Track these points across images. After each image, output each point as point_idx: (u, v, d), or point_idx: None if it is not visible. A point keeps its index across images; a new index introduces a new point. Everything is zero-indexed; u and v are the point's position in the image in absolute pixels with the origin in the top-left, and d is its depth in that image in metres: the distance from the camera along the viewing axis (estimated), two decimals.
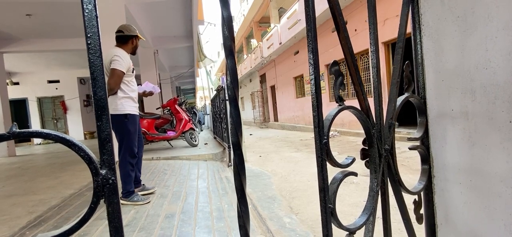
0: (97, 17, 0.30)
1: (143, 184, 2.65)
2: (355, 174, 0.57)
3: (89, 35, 0.30)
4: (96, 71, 0.30)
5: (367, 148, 0.60)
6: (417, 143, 0.68)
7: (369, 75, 6.95)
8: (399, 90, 0.63)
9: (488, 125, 0.52)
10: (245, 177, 0.44)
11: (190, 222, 2.08)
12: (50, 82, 11.11)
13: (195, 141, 5.90)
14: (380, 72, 0.61)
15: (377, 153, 0.59)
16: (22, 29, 6.25)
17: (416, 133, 0.68)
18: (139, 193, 2.54)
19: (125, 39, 2.47)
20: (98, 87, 0.31)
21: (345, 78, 8.42)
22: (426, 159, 0.67)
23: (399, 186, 0.64)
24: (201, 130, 10.99)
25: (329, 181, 0.52)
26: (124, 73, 2.36)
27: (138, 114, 2.52)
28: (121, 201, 2.40)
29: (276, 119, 14.72)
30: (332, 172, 0.59)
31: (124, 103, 2.36)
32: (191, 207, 2.38)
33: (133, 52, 2.53)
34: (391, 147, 0.62)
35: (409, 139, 0.68)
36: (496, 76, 0.49)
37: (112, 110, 2.30)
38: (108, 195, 0.33)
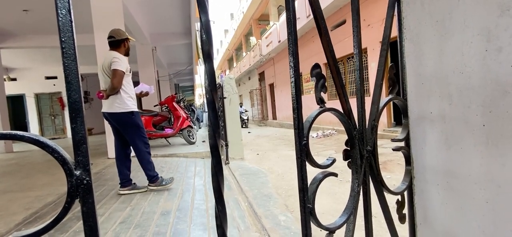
0: (72, 22, 0.30)
1: (134, 183, 2.72)
2: (335, 175, 0.58)
3: (63, 40, 0.31)
4: (70, 75, 0.31)
5: (349, 148, 0.61)
6: (402, 144, 0.69)
7: (364, 75, 6.96)
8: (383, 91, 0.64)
9: (464, 128, 0.53)
10: (223, 178, 0.44)
11: (185, 219, 2.09)
12: (47, 78, 11.07)
13: (193, 138, 5.91)
14: (363, 74, 0.62)
15: (359, 154, 0.60)
16: (19, 25, 6.22)
17: (400, 134, 0.69)
18: (129, 191, 2.65)
19: (117, 43, 2.57)
20: (73, 90, 0.32)
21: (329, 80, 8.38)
22: (409, 160, 0.69)
23: (381, 187, 0.65)
24: (199, 128, 10.99)
25: (309, 182, 0.53)
26: (125, 73, 2.48)
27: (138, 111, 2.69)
28: (151, 187, 2.60)
29: (274, 117, 14.73)
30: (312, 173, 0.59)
31: (127, 101, 2.51)
32: (187, 205, 2.39)
33: (126, 54, 2.65)
34: (373, 148, 0.63)
35: (393, 140, 0.69)
36: (471, 80, 0.50)
37: (115, 108, 2.47)
38: (83, 195, 0.33)
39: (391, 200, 0.67)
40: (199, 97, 26.44)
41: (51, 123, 11.42)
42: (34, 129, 11.14)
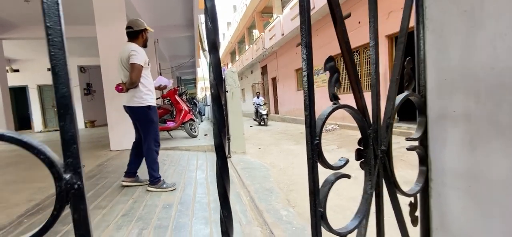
0: (58, 4, 0.27)
1: (137, 175, 2.71)
2: (348, 177, 0.54)
3: (49, 25, 0.27)
4: (58, 66, 0.28)
5: (362, 148, 0.57)
6: (416, 143, 0.65)
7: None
8: (399, 87, 0.60)
9: (492, 129, 0.49)
10: (229, 181, 0.41)
11: (187, 212, 2.08)
12: (50, 70, 11.05)
13: (195, 132, 5.90)
14: (379, 69, 0.58)
15: (373, 154, 0.57)
16: (20, 16, 6.18)
17: (415, 133, 0.65)
18: (131, 183, 2.63)
19: (135, 34, 2.50)
20: (61, 83, 0.28)
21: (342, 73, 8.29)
22: (424, 160, 0.65)
23: (394, 188, 0.61)
24: (201, 121, 10.98)
25: (320, 184, 0.50)
26: (143, 67, 2.44)
27: (156, 105, 2.67)
28: (149, 189, 2.53)
29: (276, 111, 14.68)
30: (324, 174, 0.56)
31: (145, 96, 2.47)
32: (189, 198, 2.38)
33: (144, 45, 2.59)
34: (387, 147, 0.60)
35: (408, 139, 0.65)
36: (503, 77, 0.46)
37: (134, 103, 2.44)
38: (74, 201, 0.30)
39: (402, 201, 0.64)
40: (201, 90, 26.41)
41: (53, 115, 11.46)
42: (37, 121, 11.20)
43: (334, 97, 0.52)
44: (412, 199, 0.65)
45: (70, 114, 0.29)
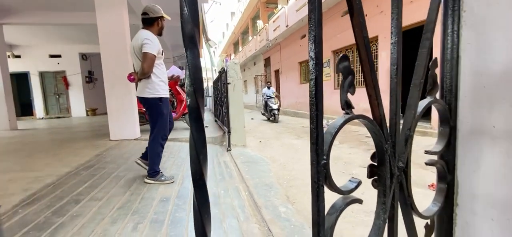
0: None
1: (161, 172, 2.60)
2: (360, 202, 0.46)
3: None
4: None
5: (376, 164, 0.49)
6: (435, 157, 0.56)
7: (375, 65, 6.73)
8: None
9: None
10: (210, 218, 0.33)
11: (184, 207, 2.05)
12: (51, 56, 11.00)
13: None
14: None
15: (389, 172, 0.48)
16: (21, 0, 6.08)
17: (435, 145, 0.55)
18: (155, 182, 2.51)
19: (151, 21, 2.38)
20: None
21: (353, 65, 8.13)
22: (444, 176, 0.56)
23: (411, 211, 0.53)
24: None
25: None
26: (156, 56, 2.34)
27: (168, 97, 2.59)
28: (147, 181, 2.47)
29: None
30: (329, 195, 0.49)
31: (157, 86, 2.37)
32: (187, 192, 2.35)
33: (159, 34, 2.49)
34: (406, 164, 0.51)
35: (427, 152, 0.56)
36: None
37: (146, 93, 2.34)
38: None
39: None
40: (203, 81, 26.25)
41: (55, 102, 11.47)
42: (39, 107, 11.21)
43: (346, 105, 0.43)
44: (428, 221, 0.57)
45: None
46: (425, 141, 3.72)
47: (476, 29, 0.50)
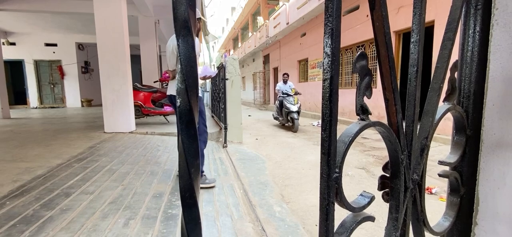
0: None
1: (204, 175, 2.48)
2: (373, 219, 0.42)
3: None
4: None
5: (388, 176, 0.44)
6: (447, 168, 0.52)
7: (375, 65, 6.72)
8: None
9: None
10: None
11: (177, 203, 2.01)
12: (47, 45, 10.82)
13: None
14: (421, 71, 0.43)
15: (403, 186, 0.43)
16: None
17: (449, 155, 0.51)
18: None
19: None
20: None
21: (345, 66, 8.14)
22: (457, 189, 0.52)
23: (423, 227, 0.49)
24: None
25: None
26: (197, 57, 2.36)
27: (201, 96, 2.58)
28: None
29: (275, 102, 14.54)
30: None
31: None
32: None
33: (196, 34, 2.45)
34: (421, 176, 0.46)
35: (441, 163, 0.52)
36: None
37: None
38: None
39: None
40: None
41: (50, 92, 11.30)
42: (33, 96, 11.04)
43: (362, 111, 0.38)
44: None
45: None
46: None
47: (509, 29, 0.45)
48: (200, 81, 5.38)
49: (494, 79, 0.48)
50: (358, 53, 0.37)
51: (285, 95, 6.69)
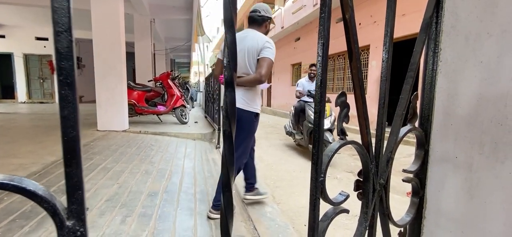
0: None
1: (257, 188, 2.32)
2: (347, 211, 0.55)
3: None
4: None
5: (361, 180, 0.58)
6: (411, 175, 0.67)
7: (365, 73, 6.92)
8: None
9: (492, 182, 0.50)
10: (233, 220, 0.41)
11: (172, 202, 2.07)
12: (38, 39, 10.60)
13: (185, 118, 5.83)
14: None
15: (372, 187, 0.57)
16: None
17: (412, 165, 0.65)
18: (253, 197, 2.29)
19: (260, 21, 2.05)
20: (69, 126, 0.25)
21: (336, 65, 8.36)
22: (417, 192, 0.66)
23: (388, 220, 0.63)
24: (192, 107, 10.86)
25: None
26: None
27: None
28: (247, 197, 2.28)
29: (268, 104, 14.68)
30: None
31: (257, 100, 2.01)
32: (175, 187, 2.37)
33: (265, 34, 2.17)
34: (386, 181, 0.61)
35: (404, 171, 0.66)
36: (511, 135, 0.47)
37: (243, 105, 1.92)
38: None
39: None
40: (195, 75, 26.00)
41: (39, 86, 11.06)
42: (21, 91, 10.78)
43: (342, 132, 0.53)
44: (402, 228, 0.66)
45: (77, 159, 0.27)
46: (407, 151, 3.88)
47: (448, 77, 0.59)
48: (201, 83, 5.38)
49: (437, 111, 0.63)
50: (340, 92, 0.50)
51: (308, 100, 4.35)
